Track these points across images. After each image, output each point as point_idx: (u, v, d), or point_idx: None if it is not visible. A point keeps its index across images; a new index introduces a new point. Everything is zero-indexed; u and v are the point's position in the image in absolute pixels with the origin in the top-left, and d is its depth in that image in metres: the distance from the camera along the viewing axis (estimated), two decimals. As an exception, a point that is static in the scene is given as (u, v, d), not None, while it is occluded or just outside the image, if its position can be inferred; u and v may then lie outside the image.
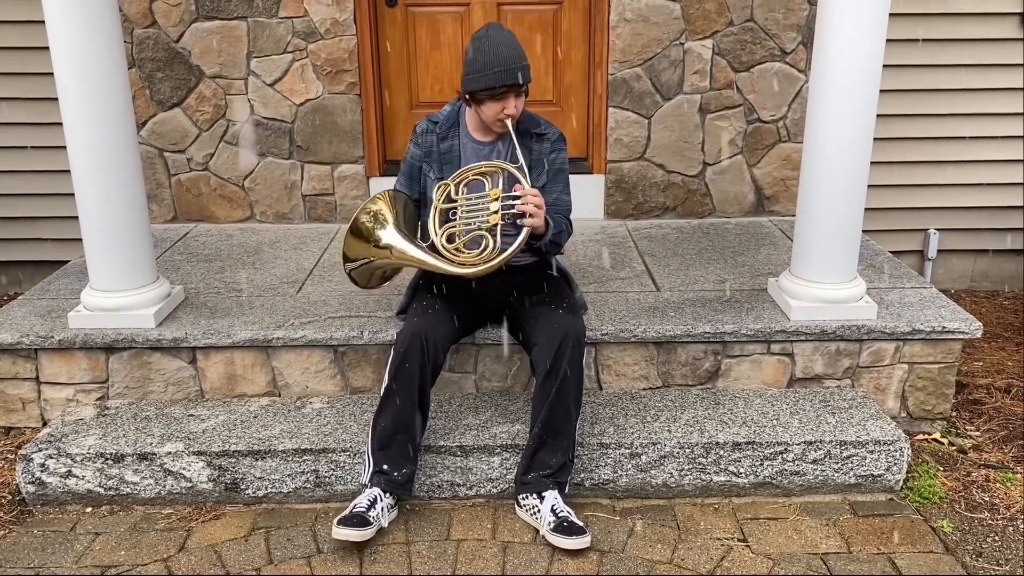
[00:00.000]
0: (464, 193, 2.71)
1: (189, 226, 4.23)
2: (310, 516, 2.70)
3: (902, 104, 4.21)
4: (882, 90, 2.90)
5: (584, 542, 2.49)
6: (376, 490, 2.59)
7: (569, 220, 2.84)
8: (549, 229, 2.67)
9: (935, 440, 3.10)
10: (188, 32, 3.97)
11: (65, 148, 2.89)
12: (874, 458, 2.77)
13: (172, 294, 3.16)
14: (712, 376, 3.09)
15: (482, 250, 2.64)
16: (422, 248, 2.69)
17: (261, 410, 2.99)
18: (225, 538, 2.61)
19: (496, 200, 2.63)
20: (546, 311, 2.71)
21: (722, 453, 2.75)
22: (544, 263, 2.91)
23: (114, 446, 2.77)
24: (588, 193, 4.19)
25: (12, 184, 4.33)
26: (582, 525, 2.53)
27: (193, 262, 3.71)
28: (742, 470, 2.76)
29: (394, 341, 2.70)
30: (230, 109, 4.07)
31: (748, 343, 3.03)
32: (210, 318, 3.10)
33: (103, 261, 2.98)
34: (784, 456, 2.76)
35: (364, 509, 2.53)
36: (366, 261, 2.75)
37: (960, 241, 4.53)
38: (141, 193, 3.01)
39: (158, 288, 3.09)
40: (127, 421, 2.92)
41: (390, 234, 2.69)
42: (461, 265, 2.63)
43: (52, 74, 2.81)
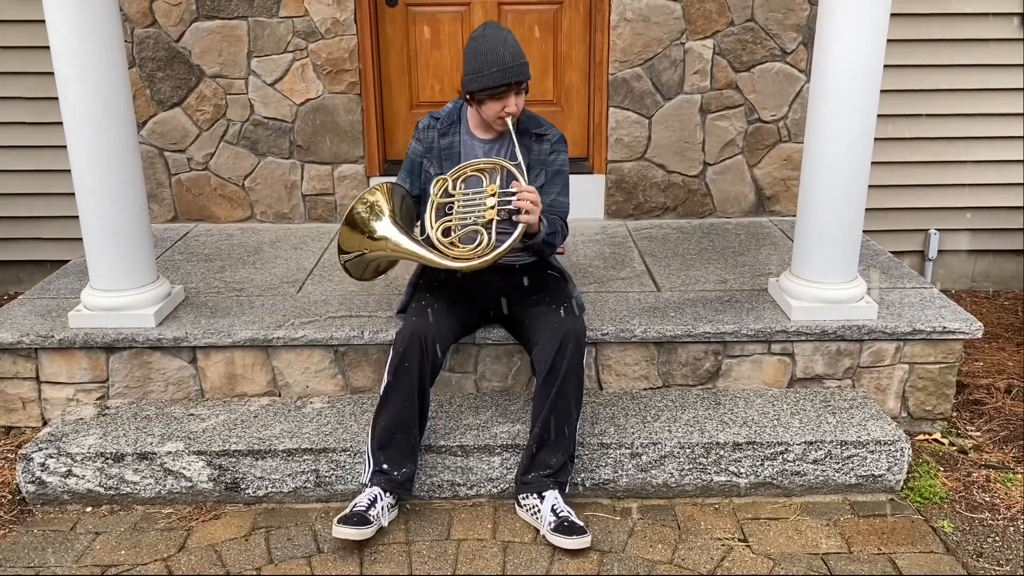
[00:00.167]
0: (461, 188, 2.71)
1: (189, 226, 4.23)
2: (310, 516, 2.70)
3: (903, 104, 4.21)
4: (883, 90, 2.90)
5: (584, 542, 2.48)
6: (376, 489, 2.58)
7: (565, 222, 2.83)
8: (543, 228, 2.67)
9: (936, 440, 3.10)
10: (188, 32, 3.97)
11: (65, 148, 2.89)
12: (875, 458, 2.76)
13: (172, 294, 3.16)
14: (712, 376, 3.08)
15: (476, 245, 2.63)
16: (417, 241, 2.69)
17: (261, 410, 2.99)
18: (225, 538, 2.61)
19: (493, 196, 2.63)
20: (546, 311, 2.71)
21: (722, 453, 2.75)
22: (545, 263, 2.90)
23: (114, 446, 2.76)
24: (588, 193, 4.19)
25: (12, 184, 4.33)
26: (582, 525, 2.53)
27: (193, 262, 3.71)
28: (742, 470, 2.76)
29: (393, 340, 2.70)
30: (230, 109, 4.07)
31: (749, 343, 3.03)
32: (210, 318, 3.10)
33: (103, 260, 2.98)
34: (785, 456, 2.76)
35: (364, 508, 2.53)
36: (360, 252, 2.74)
37: (960, 241, 4.53)
38: (141, 193, 3.01)
39: (158, 288, 3.09)
40: (127, 421, 2.92)
41: (385, 226, 2.69)
42: (455, 259, 2.63)
43: (52, 73, 2.81)
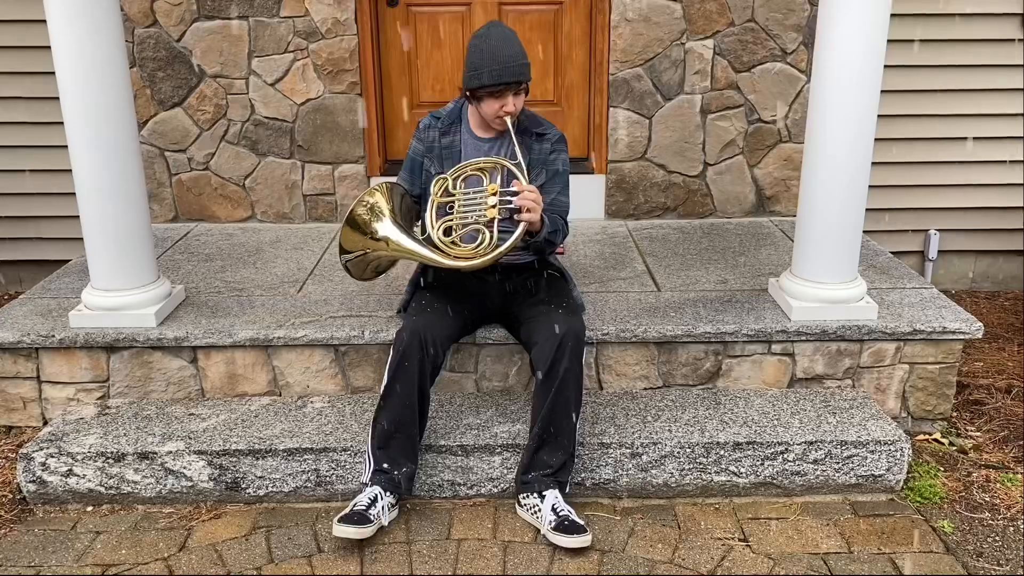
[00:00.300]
0: (461, 188, 2.71)
1: (190, 225, 4.23)
2: (311, 515, 2.70)
3: (903, 104, 4.21)
4: (883, 90, 2.90)
5: (585, 541, 2.49)
6: (376, 489, 2.58)
7: (566, 221, 2.84)
8: (544, 227, 2.67)
9: (936, 440, 3.10)
10: (189, 32, 3.97)
11: (66, 147, 2.89)
12: (875, 458, 2.77)
13: (173, 293, 3.16)
14: (713, 376, 3.09)
15: (478, 244, 2.63)
16: (418, 241, 2.69)
17: (262, 409, 2.99)
18: (226, 537, 2.61)
19: (493, 195, 2.63)
20: (546, 310, 2.71)
21: (723, 453, 2.75)
22: (544, 262, 2.90)
23: (115, 445, 2.77)
24: (589, 193, 4.19)
25: (13, 183, 4.33)
26: (583, 524, 2.53)
27: (194, 261, 3.71)
28: (743, 470, 2.76)
29: (394, 340, 2.70)
30: (231, 108, 4.07)
31: (749, 343, 3.03)
32: (211, 317, 3.10)
33: (104, 260, 2.98)
34: (785, 456, 2.76)
35: (365, 507, 2.53)
36: (362, 253, 2.74)
37: (961, 242, 4.53)
38: (142, 192, 3.01)
39: (159, 287, 3.09)
40: (128, 420, 2.92)
41: (386, 226, 2.69)
42: (456, 258, 2.63)
43: (53, 73, 2.82)
